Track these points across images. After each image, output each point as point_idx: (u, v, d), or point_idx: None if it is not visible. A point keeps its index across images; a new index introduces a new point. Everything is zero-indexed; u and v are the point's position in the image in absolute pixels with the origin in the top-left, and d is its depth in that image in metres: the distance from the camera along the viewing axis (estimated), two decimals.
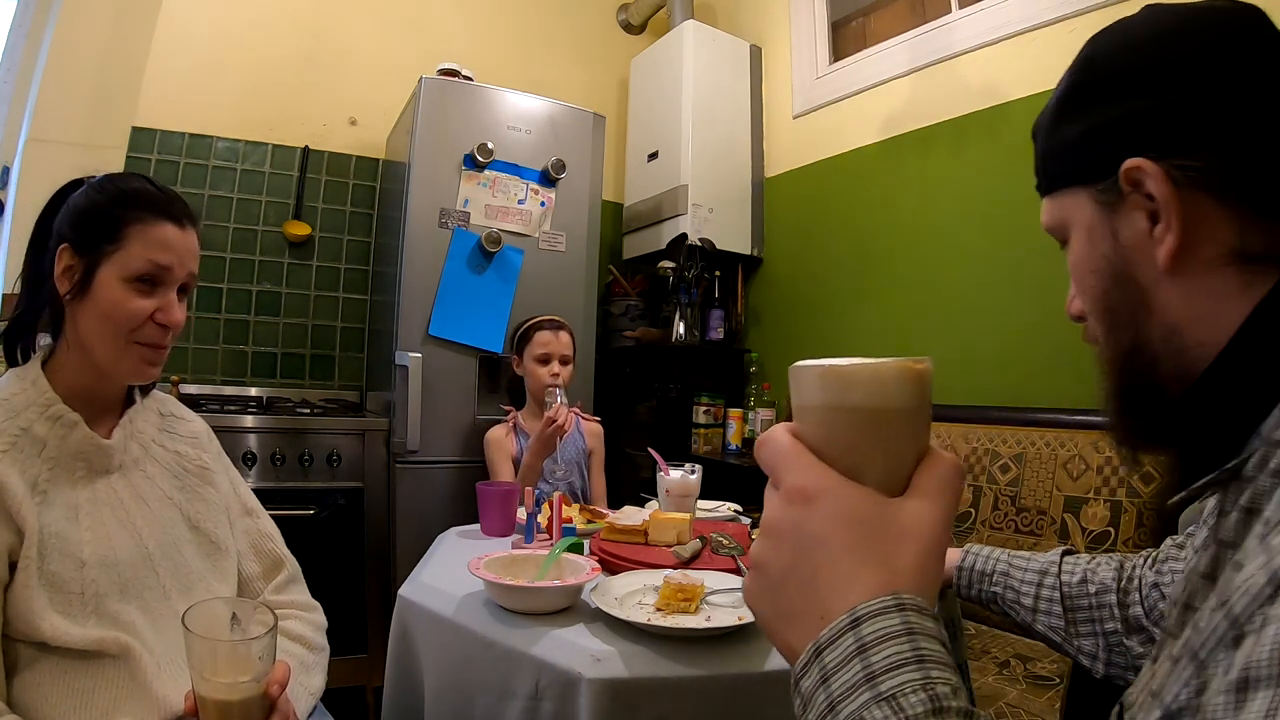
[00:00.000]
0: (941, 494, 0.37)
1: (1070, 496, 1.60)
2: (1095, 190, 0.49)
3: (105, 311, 0.84)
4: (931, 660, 0.32)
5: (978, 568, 0.93)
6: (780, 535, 0.38)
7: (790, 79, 2.82)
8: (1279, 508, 0.37)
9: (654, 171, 2.86)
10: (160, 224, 0.87)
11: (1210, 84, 0.44)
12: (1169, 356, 0.47)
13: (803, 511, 0.37)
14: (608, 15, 3.29)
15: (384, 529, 2.15)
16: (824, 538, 0.36)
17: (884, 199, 2.41)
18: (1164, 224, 0.45)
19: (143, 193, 0.88)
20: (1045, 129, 0.53)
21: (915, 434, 0.38)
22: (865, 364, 0.37)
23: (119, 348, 0.86)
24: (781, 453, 0.39)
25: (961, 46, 2.19)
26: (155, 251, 0.86)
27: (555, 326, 2.01)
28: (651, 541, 1.23)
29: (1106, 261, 0.49)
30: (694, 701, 0.83)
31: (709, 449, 2.63)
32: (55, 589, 0.78)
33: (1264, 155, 0.44)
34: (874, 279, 2.44)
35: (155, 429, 0.97)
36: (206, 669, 0.66)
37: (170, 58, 2.37)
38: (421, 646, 1.04)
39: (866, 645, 0.33)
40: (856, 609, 0.34)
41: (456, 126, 2.22)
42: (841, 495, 0.37)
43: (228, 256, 2.50)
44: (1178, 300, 0.46)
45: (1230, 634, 0.34)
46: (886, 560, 0.35)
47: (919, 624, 0.33)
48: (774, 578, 0.38)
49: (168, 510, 0.92)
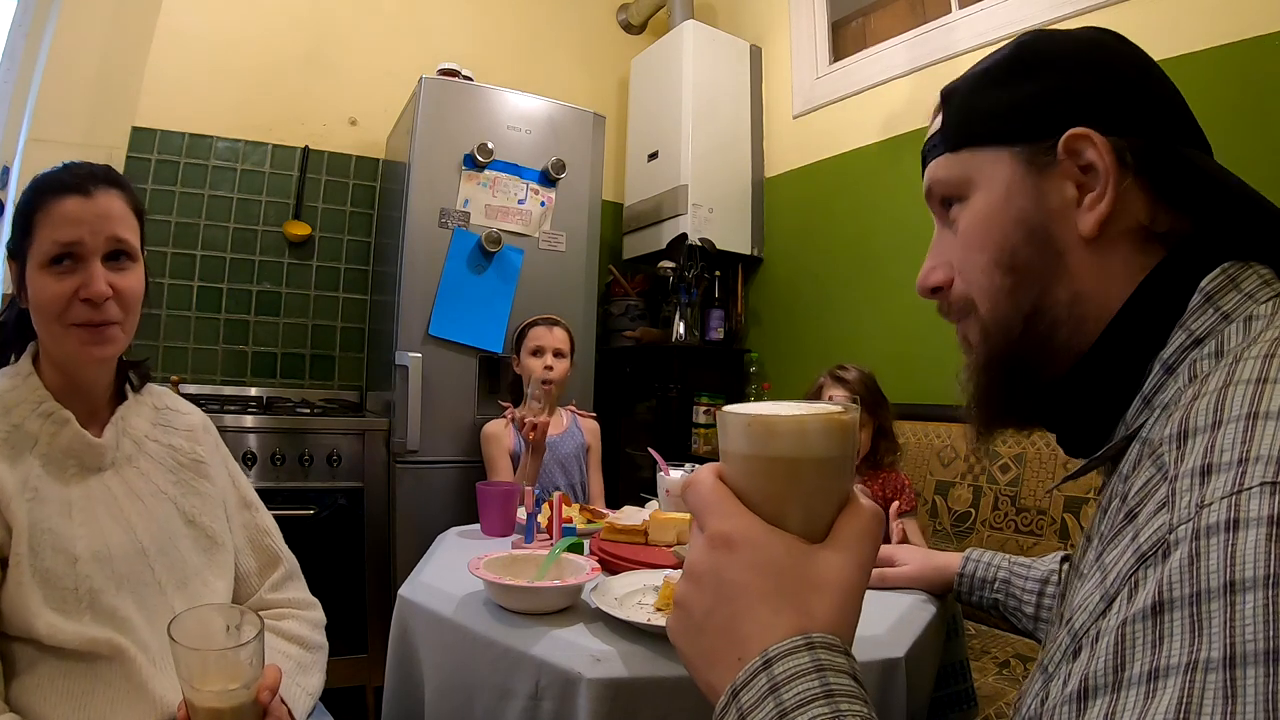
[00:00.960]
0: (860, 542, 0.39)
1: (1070, 496, 1.60)
2: (1024, 150, 0.50)
3: (36, 305, 0.84)
4: (841, 694, 0.33)
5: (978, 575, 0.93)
6: (701, 579, 0.39)
7: (790, 79, 2.82)
8: (1112, 521, 0.38)
9: (654, 171, 2.86)
10: (60, 201, 0.83)
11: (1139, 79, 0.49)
12: (1070, 323, 0.49)
13: (724, 558, 0.38)
14: (608, 15, 3.29)
15: (384, 529, 2.15)
16: (743, 585, 0.37)
17: (884, 199, 2.41)
18: (1098, 193, 0.47)
19: (49, 180, 0.85)
20: (965, 91, 0.54)
21: (837, 482, 0.39)
22: (789, 415, 0.38)
23: (56, 335, 0.84)
24: (706, 497, 0.40)
25: (961, 46, 2.19)
26: (58, 229, 0.83)
27: (549, 323, 2.04)
28: (651, 541, 1.23)
29: (1024, 216, 0.50)
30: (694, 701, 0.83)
31: (709, 449, 2.63)
32: (48, 585, 0.78)
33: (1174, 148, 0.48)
34: (874, 279, 2.44)
35: (149, 424, 0.96)
36: (196, 678, 0.66)
37: (170, 58, 2.37)
38: (421, 646, 1.04)
39: (778, 684, 0.34)
40: (769, 650, 0.35)
41: (456, 126, 2.22)
42: (761, 544, 0.38)
43: (228, 256, 2.49)
44: (1090, 267, 0.48)
45: (1071, 648, 0.36)
46: (802, 607, 0.37)
47: (829, 660, 0.34)
48: (695, 620, 0.39)
49: (162, 505, 0.91)
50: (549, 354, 1.99)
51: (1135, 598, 0.32)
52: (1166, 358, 0.44)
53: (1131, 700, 0.29)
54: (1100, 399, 0.48)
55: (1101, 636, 0.32)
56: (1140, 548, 0.34)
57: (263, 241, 2.55)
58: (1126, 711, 0.29)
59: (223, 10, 2.49)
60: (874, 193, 2.45)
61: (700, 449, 2.62)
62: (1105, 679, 0.31)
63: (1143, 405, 0.45)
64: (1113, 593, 0.34)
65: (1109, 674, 0.31)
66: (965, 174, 0.53)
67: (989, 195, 0.51)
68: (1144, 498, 0.36)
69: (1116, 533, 0.37)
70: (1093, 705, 0.31)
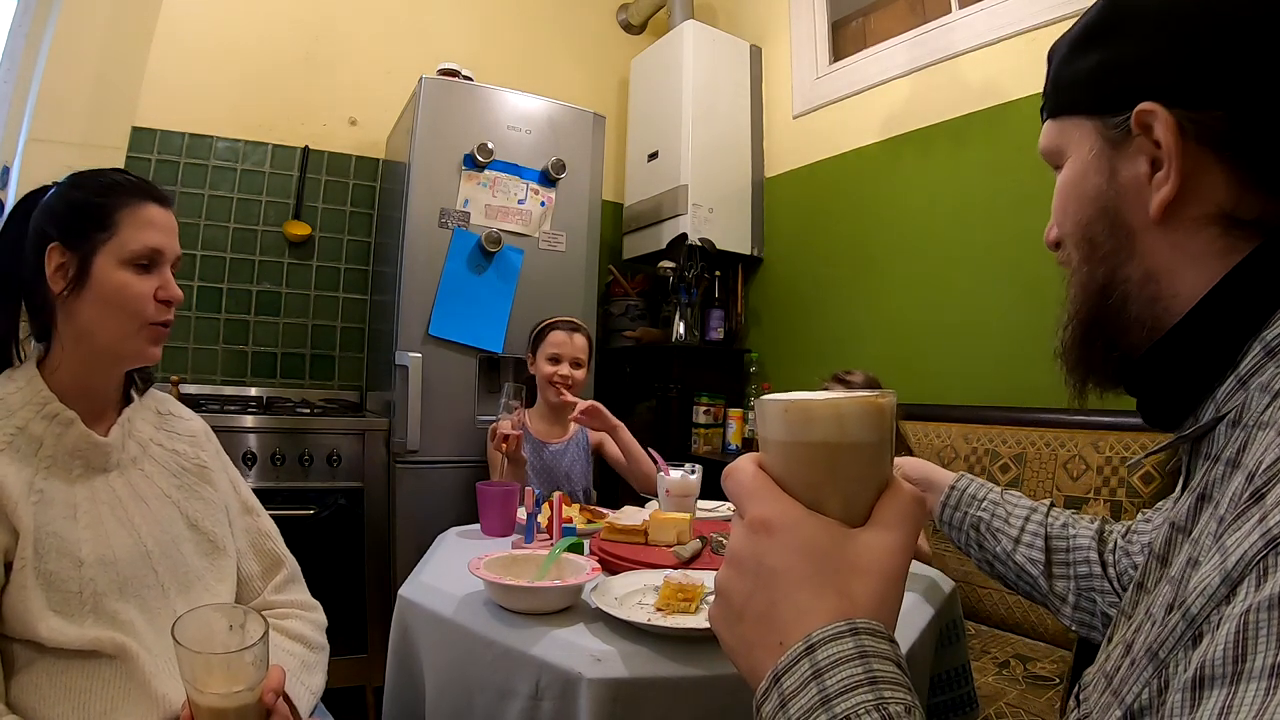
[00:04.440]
0: (900, 525, 0.38)
1: (1070, 496, 1.60)
2: (1102, 123, 0.49)
3: (107, 297, 0.85)
4: (885, 681, 0.33)
5: (969, 491, 0.93)
6: (742, 565, 0.39)
7: (790, 79, 2.82)
8: (1232, 504, 0.37)
9: (654, 171, 2.86)
10: (146, 205, 0.89)
11: (1233, 41, 0.44)
12: (1142, 301, 0.48)
13: (764, 543, 0.38)
14: (608, 15, 3.29)
15: (384, 529, 2.15)
16: (783, 569, 0.37)
17: (884, 199, 2.41)
18: (1164, 172, 0.45)
19: (123, 181, 0.90)
20: (1061, 54, 0.53)
21: (875, 467, 0.39)
22: (826, 400, 0.38)
23: (129, 331, 0.87)
24: (746, 484, 0.40)
25: (961, 46, 2.19)
26: (148, 232, 0.88)
27: (571, 328, 1.95)
28: (651, 541, 1.23)
29: (1098, 193, 0.49)
30: (694, 701, 0.83)
31: (709, 449, 2.63)
32: (53, 588, 0.78)
33: (1273, 123, 0.43)
34: (874, 279, 2.44)
35: (153, 428, 0.96)
36: (199, 680, 0.66)
37: (170, 58, 2.37)
38: (422, 646, 1.04)
39: (821, 670, 0.33)
40: (812, 635, 0.35)
41: (456, 126, 2.22)
42: (801, 528, 0.38)
43: (228, 256, 2.49)
44: (1162, 249, 0.47)
45: (1189, 634, 0.35)
46: (844, 590, 0.36)
47: (873, 647, 0.34)
48: (736, 606, 0.39)
49: (166, 509, 0.92)
50: (566, 363, 1.91)
51: (1264, 585, 0.30)
52: (1270, 340, 0.42)
53: (1250, 694, 0.28)
54: (1187, 374, 0.46)
55: (1223, 624, 0.31)
56: (1270, 530, 0.32)
57: (263, 241, 2.55)
58: (1244, 706, 0.28)
59: (223, 10, 2.49)
60: (874, 193, 2.45)
61: (700, 449, 2.63)
62: (1224, 669, 0.29)
63: (1238, 385, 0.43)
64: (1236, 577, 0.32)
65: (1228, 664, 0.29)
66: (1058, 143, 0.52)
67: (1073, 167, 0.51)
68: (1272, 478, 0.34)
69: (1240, 513, 0.35)
70: (1209, 696, 0.29)
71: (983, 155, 2.12)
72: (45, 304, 0.86)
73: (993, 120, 2.10)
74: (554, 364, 1.91)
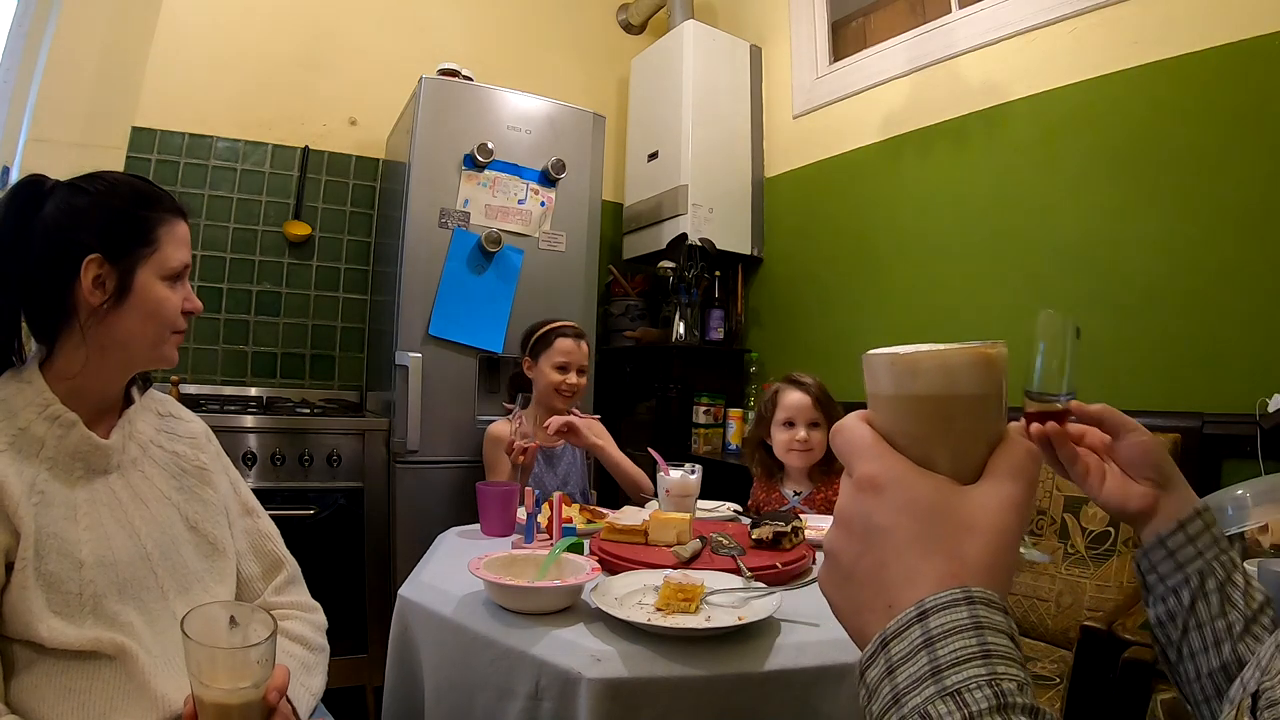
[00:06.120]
0: (1015, 478, 0.36)
1: (1070, 496, 1.60)
2: None
3: (150, 310, 0.88)
4: (998, 655, 0.32)
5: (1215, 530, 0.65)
6: (850, 525, 0.38)
7: (790, 79, 2.82)
8: None
9: (654, 171, 2.86)
10: (179, 222, 0.93)
11: None
12: None
13: (871, 500, 0.37)
14: (608, 15, 3.29)
15: (384, 529, 2.15)
16: (891, 528, 0.36)
17: (884, 199, 2.41)
18: None
19: (154, 193, 0.92)
20: None
21: (986, 421, 0.37)
22: (933, 351, 0.36)
23: (162, 340, 0.91)
24: (853, 441, 0.39)
25: (961, 46, 2.19)
26: (182, 250, 0.93)
27: (577, 335, 1.95)
28: (651, 541, 1.23)
29: None
30: (694, 701, 0.83)
31: (709, 449, 2.63)
32: (53, 589, 0.78)
33: None
34: (874, 279, 2.44)
35: (154, 429, 0.96)
36: (205, 675, 0.66)
37: (170, 58, 2.37)
38: (422, 646, 1.04)
39: (933, 639, 0.32)
40: (925, 601, 0.33)
41: (456, 126, 2.22)
42: (909, 485, 0.36)
43: (228, 256, 2.50)
44: None
45: None
46: (954, 551, 0.35)
47: (987, 618, 0.33)
48: (844, 567, 0.38)
49: (166, 510, 0.92)
50: (573, 371, 1.91)
51: None
52: None
53: None
54: None
55: None
56: None
57: (263, 241, 2.55)
58: None
59: (223, 10, 2.49)
60: (874, 193, 2.45)
61: (700, 449, 2.63)
62: None
63: None
64: None
65: None
66: None
67: None
68: None
69: None
70: None
71: (982, 155, 2.12)
72: (61, 308, 0.85)
73: (992, 120, 2.09)
74: (562, 372, 1.91)
